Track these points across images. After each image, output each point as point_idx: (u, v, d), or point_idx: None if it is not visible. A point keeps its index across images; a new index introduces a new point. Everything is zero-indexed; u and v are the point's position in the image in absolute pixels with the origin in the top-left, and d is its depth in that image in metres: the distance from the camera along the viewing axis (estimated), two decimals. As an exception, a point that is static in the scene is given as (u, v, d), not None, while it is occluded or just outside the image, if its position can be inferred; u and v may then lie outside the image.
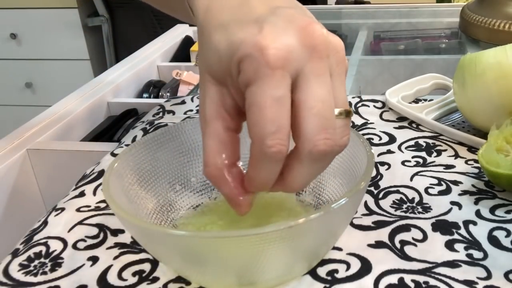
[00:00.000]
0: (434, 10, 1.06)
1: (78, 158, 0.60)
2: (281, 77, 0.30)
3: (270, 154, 0.30)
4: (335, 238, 0.37)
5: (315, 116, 0.30)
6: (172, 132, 0.42)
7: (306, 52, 0.31)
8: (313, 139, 0.30)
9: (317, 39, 0.31)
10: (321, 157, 0.31)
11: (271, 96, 0.30)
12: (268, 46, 0.30)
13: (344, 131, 0.32)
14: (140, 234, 0.34)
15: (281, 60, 0.30)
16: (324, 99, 0.31)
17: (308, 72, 0.31)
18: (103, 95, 0.76)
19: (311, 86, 0.31)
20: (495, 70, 0.48)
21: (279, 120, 0.30)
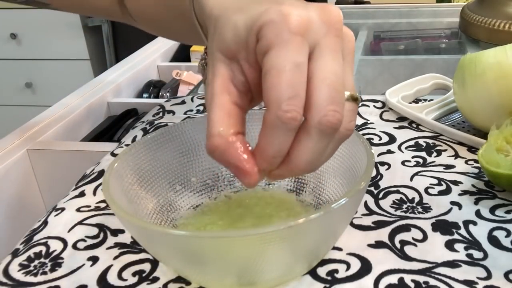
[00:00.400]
0: (434, 10, 1.06)
1: (78, 158, 0.60)
2: (301, 43, 0.30)
3: (285, 119, 0.30)
4: (335, 238, 0.37)
5: (328, 86, 0.31)
6: (172, 132, 0.42)
7: (324, 26, 0.31)
8: (323, 109, 0.30)
9: (335, 18, 0.32)
10: (329, 130, 0.31)
11: (292, 61, 0.30)
12: (291, 12, 0.31)
13: (352, 116, 0.33)
14: (140, 234, 0.34)
15: (303, 27, 0.30)
16: (336, 73, 0.31)
17: (324, 46, 0.31)
18: (103, 95, 0.76)
19: (326, 59, 0.31)
20: (495, 70, 0.48)
21: (297, 86, 0.30)
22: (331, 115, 0.31)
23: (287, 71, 0.30)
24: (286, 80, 0.30)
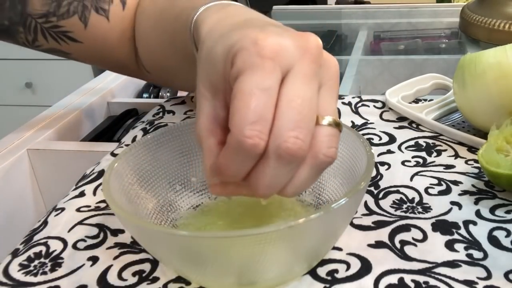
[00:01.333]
0: (434, 10, 1.06)
1: (78, 158, 0.60)
2: (271, 68, 0.30)
3: (246, 146, 0.29)
4: (335, 238, 0.37)
5: (291, 110, 0.30)
6: (172, 132, 0.42)
7: (298, 51, 0.31)
8: (283, 134, 0.29)
9: (311, 43, 0.31)
10: (288, 158, 0.30)
11: (258, 85, 0.29)
12: (263, 39, 0.30)
13: (332, 141, 0.31)
14: (140, 234, 0.34)
15: (273, 52, 0.30)
16: (304, 97, 0.30)
17: (297, 70, 0.31)
18: (103, 95, 0.76)
19: (295, 82, 0.30)
20: (495, 70, 0.48)
21: (263, 111, 0.29)
22: (291, 142, 0.29)
23: (252, 95, 0.29)
24: (250, 104, 0.29)
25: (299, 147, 0.30)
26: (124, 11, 0.59)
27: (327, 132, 0.31)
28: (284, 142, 0.29)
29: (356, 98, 0.62)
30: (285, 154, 0.30)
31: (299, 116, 0.30)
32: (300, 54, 0.31)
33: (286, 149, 0.29)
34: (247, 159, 0.30)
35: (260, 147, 0.29)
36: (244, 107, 0.29)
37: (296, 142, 0.29)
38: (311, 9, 1.20)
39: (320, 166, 0.32)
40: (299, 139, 0.29)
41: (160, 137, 0.42)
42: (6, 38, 0.58)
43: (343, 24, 1.09)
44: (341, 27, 1.09)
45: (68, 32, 0.57)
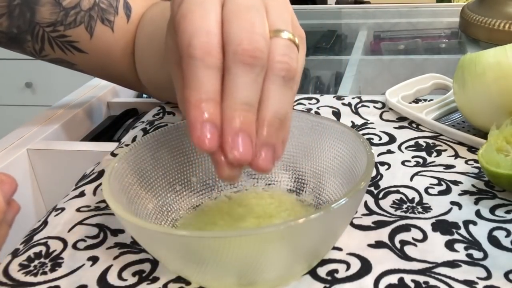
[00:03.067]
0: (434, 10, 1.06)
1: (78, 158, 0.60)
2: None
3: (198, 55, 0.29)
4: (335, 238, 0.37)
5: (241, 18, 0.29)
6: (172, 132, 0.42)
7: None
8: (235, 38, 0.29)
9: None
10: (249, 60, 0.29)
11: (196, 2, 0.30)
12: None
13: (284, 49, 0.31)
14: (140, 234, 0.34)
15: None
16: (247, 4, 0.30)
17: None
18: (103, 95, 0.76)
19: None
20: (495, 70, 0.48)
21: (205, 25, 0.29)
22: (246, 43, 0.29)
23: (192, 11, 0.29)
24: (192, 20, 0.29)
25: (255, 47, 0.29)
26: (128, 24, 0.60)
27: (280, 43, 0.31)
28: (239, 45, 0.29)
29: (356, 99, 0.62)
30: (244, 56, 0.29)
31: (248, 23, 0.30)
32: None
33: (243, 51, 0.29)
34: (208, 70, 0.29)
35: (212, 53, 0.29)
36: (186, 25, 0.29)
37: (251, 43, 0.29)
38: (311, 9, 1.20)
39: (280, 75, 0.31)
40: (253, 40, 0.29)
41: (160, 137, 0.42)
42: (14, 47, 0.59)
43: (343, 24, 1.09)
44: (341, 27, 1.09)
45: (74, 42, 0.58)
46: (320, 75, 0.91)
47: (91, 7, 0.57)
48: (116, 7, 0.59)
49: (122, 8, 0.59)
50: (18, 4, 0.54)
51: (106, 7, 0.58)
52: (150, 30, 0.58)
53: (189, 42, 0.29)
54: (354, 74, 0.81)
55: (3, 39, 0.57)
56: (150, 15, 0.60)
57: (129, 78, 0.64)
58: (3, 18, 0.55)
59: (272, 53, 0.31)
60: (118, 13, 0.59)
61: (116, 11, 0.58)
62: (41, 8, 0.55)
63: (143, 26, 0.60)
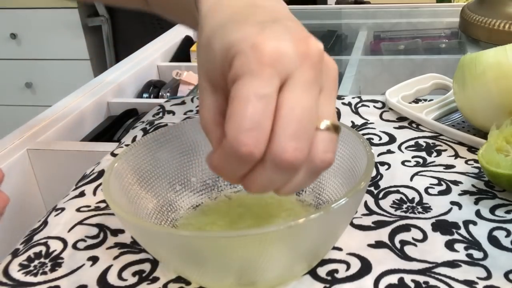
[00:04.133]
0: (434, 10, 1.06)
1: (78, 158, 0.60)
2: (269, 75, 0.29)
3: (241, 153, 0.29)
4: (335, 238, 0.37)
5: (290, 121, 0.29)
6: (172, 132, 0.42)
7: (298, 58, 0.30)
8: (282, 144, 0.29)
9: (312, 49, 0.31)
10: (286, 167, 0.29)
11: (256, 92, 0.29)
12: (262, 43, 0.29)
13: (329, 146, 0.31)
14: (140, 234, 0.34)
15: (271, 59, 0.29)
16: (305, 106, 0.29)
17: (297, 77, 0.30)
18: (103, 95, 0.76)
19: (295, 90, 0.30)
20: (495, 70, 0.48)
21: (259, 119, 0.29)
22: (290, 152, 0.29)
23: (249, 102, 0.28)
24: (247, 111, 0.28)
25: (297, 158, 0.29)
26: None
27: (324, 137, 0.31)
28: (283, 152, 0.29)
29: (356, 98, 0.62)
30: (284, 163, 0.29)
31: (299, 126, 0.29)
32: (301, 60, 0.30)
33: (285, 160, 0.29)
34: (241, 165, 0.30)
35: (254, 155, 0.29)
36: (241, 113, 0.29)
37: (295, 153, 0.29)
38: (311, 9, 1.20)
39: (316, 170, 0.31)
40: (298, 149, 0.29)
41: (160, 137, 0.42)
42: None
43: (343, 24, 1.09)
44: (341, 27, 1.09)
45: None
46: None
47: None
48: None
49: None
50: None
51: None
52: None
53: (237, 134, 0.28)
54: (354, 74, 0.81)
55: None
56: None
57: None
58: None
59: (315, 148, 0.31)
60: None
61: None
62: None
63: None
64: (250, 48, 0.29)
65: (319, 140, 0.31)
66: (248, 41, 0.30)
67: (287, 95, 0.29)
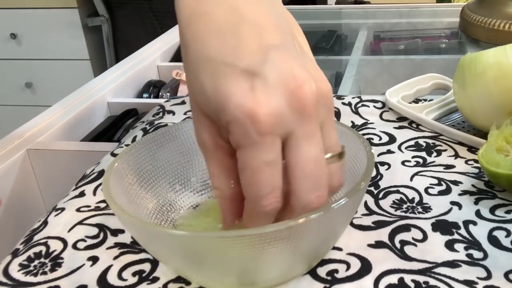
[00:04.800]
0: (434, 10, 1.06)
1: (78, 158, 0.60)
2: (271, 142, 0.30)
3: (266, 211, 0.31)
4: (335, 238, 0.37)
5: (307, 176, 0.31)
6: (172, 132, 0.42)
7: (295, 115, 0.31)
8: (306, 199, 0.31)
9: (307, 102, 0.31)
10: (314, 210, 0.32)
11: (263, 161, 0.30)
12: (258, 112, 0.30)
13: (338, 173, 0.34)
14: (140, 234, 0.34)
15: (271, 125, 0.30)
16: (315, 159, 0.31)
17: (298, 135, 0.31)
18: (103, 95, 0.76)
19: (302, 148, 0.31)
20: (495, 70, 0.48)
21: (273, 182, 0.31)
22: (315, 202, 0.31)
23: (260, 171, 0.31)
24: (261, 180, 0.31)
25: (321, 202, 0.32)
26: None
27: (334, 168, 0.33)
28: (309, 204, 0.31)
29: (356, 98, 0.62)
30: (312, 210, 0.31)
31: (316, 178, 0.31)
32: (298, 117, 0.31)
33: (312, 208, 0.31)
34: (269, 218, 0.32)
35: (278, 207, 0.32)
36: (256, 183, 0.31)
37: (319, 200, 0.31)
38: (311, 9, 1.20)
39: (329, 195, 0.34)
40: (320, 196, 0.31)
41: (160, 137, 0.42)
42: None
43: (343, 24, 1.09)
44: (341, 27, 1.09)
45: None
46: (320, 75, 0.90)
47: None
48: None
49: None
50: None
51: None
52: None
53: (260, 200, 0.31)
54: (354, 74, 0.81)
55: None
56: None
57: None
58: None
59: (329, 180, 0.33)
60: None
61: None
62: None
63: None
64: (247, 118, 0.30)
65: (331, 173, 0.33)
66: (242, 108, 0.30)
67: (295, 153, 0.31)
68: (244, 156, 0.31)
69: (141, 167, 0.41)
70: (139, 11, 1.96)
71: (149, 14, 1.94)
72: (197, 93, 0.33)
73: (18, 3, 2.06)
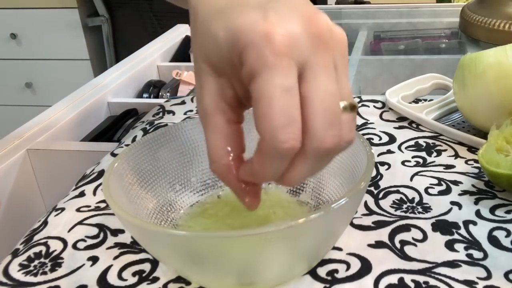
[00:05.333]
0: (434, 10, 1.06)
1: (78, 158, 0.60)
2: (288, 65, 0.28)
3: (283, 150, 0.28)
4: (335, 238, 0.37)
5: (324, 111, 0.29)
6: (172, 132, 0.42)
7: (311, 41, 0.29)
8: (321, 136, 0.29)
9: (323, 29, 0.30)
10: (327, 154, 0.30)
11: (281, 86, 0.28)
12: (273, 32, 0.28)
13: (350, 126, 0.31)
14: (140, 234, 0.34)
15: (287, 47, 0.28)
16: (332, 93, 0.29)
17: (315, 64, 0.29)
18: (103, 95, 0.76)
19: (319, 79, 0.29)
20: (495, 70, 0.48)
21: (291, 112, 0.28)
22: (329, 141, 0.29)
23: (277, 98, 0.28)
24: (277, 108, 0.28)
25: (335, 144, 0.29)
26: None
27: (346, 119, 0.30)
28: (323, 143, 0.29)
29: (356, 98, 0.62)
30: (325, 152, 0.29)
31: (332, 113, 0.29)
32: (314, 43, 0.29)
33: (326, 148, 0.29)
34: (284, 161, 0.30)
35: (296, 148, 0.29)
36: (272, 111, 0.28)
37: (333, 141, 0.29)
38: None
39: (340, 151, 0.31)
40: (335, 136, 0.29)
41: (160, 137, 0.42)
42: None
43: (343, 24, 1.09)
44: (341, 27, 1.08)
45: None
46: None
47: None
48: None
49: None
50: None
51: None
52: None
53: (276, 133, 0.28)
54: (354, 74, 0.81)
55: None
56: None
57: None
58: None
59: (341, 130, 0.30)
60: None
61: None
62: None
63: None
64: (261, 39, 0.28)
65: (343, 123, 0.30)
66: (256, 30, 0.29)
67: (312, 84, 0.29)
68: (259, 83, 0.28)
69: (141, 167, 0.41)
70: (139, 11, 1.96)
71: (149, 14, 1.94)
72: (207, 47, 0.31)
73: (18, 3, 2.06)
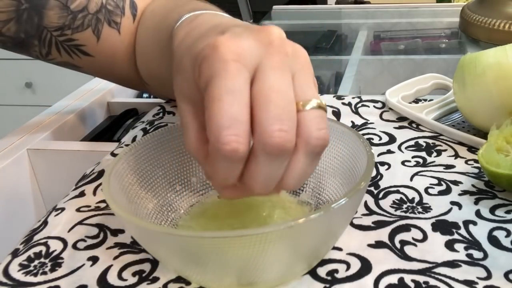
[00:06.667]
0: (434, 10, 1.06)
1: (78, 158, 0.60)
2: (235, 70, 0.29)
3: (225, 152, 0.29)
4: (335, 238, 0.37)
5: (269, 104, 0.29)
6: (172, 132, 0.42)
7: (263, 48, 0.31)
8: (267, 130, 0.29)
9: (273, 36, 0.31)
10: (277, 152, 0.29)
11: (225, 88, 0.29)
12: (222, 42, 0.30)
13: (320, 123, 0.31)
14: (140, 234, 0.34)
15: (234, 54, 0.30)
16: (279, 89, 0.29)
17: (265, 65, 0.30)
18: (103, 95, 0.76)
19: (267, 77, 0.30)
20: (495, 70, 0.48)
21: (234, 114, 0.28)
22: (276, 136, 0.29)
23: (221, 99, 0.28)
24: (221, 109, 0.28)
25: (285, 139, 0.29)
26: (134, 23, 0.59)
27: (313, 115, 0.30)
28: (270, 137, 0.29)
29: (356, 98, 0.62)
30: (273, 149, 0.29)
31: (279, 109, 0.29)
32: (264, 49, 0.31)
33: (273, 144, 0.29)
34: (232, 164, 0.30)
35: (239, 151, 0.29)
36: (216, 113, 0.29)
37: (281, 135, 0.29)
38: (311, 9, 1.20)
39: (314, 151, 0.31)
40: (283, 131, 0.29)
41: (160, 137, 0.42)
42: (20, 51, 0.58)
43: (343, 24, 1.09)
44: (341, 27, 1.09)
45: (81, 46, 0.57)
46: (320, 75, 0.91)
47: (98, 10, 0.56)
48: (122, 7, 0.58)
49: (129, 8, 0.59)
50: (26, 8, 0.53)
51: (113, 9, 0.57)
52: (151, 23, 0.57)
53: (218, 135, 0.28)
54: (354, 74, 0.81)
55: (10, 44, 0.57)
56: (151, 8, 0.59)
57: (131, 78, 0.64)
58: (11, 23, 0.54)
59: (307, 127, 0.30)
60: (125, 14, 0.58)
61: (122, 12, 0.58)
62: (49, 12, 0.54)
63: (144, 21, 0.59)
64: (212, 50, 0.30)
65: (308, 120, 0.30)
66: (209, 46, 0.30)
67: (260, 83, 0.30)
68: (208, 88, 0.29)
69: (141, 167, 0.41)
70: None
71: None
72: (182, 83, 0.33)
73: (18, 3, 2.06)
